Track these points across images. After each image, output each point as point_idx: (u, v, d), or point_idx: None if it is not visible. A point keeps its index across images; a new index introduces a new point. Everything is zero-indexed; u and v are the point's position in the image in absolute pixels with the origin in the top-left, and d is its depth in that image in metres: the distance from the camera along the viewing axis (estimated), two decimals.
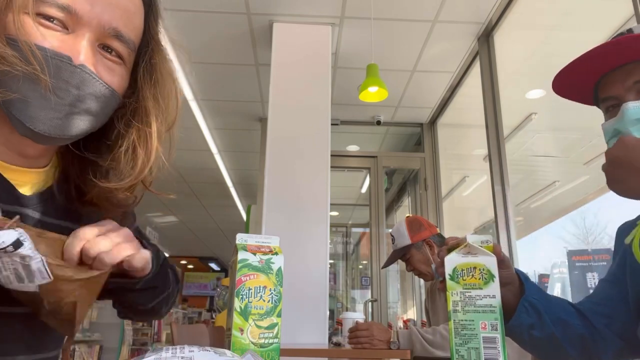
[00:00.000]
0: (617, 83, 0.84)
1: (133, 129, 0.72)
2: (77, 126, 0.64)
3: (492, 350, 0.69)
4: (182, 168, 6.07)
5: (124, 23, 0.67)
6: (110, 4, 0.65)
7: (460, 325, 0.70)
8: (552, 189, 5.26)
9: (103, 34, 0.65)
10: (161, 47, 0.76)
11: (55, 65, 0.60)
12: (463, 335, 0.70)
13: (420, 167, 4.65)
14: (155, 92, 0.74)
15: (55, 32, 0.62)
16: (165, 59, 0.77)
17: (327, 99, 3.17)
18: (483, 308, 0.71)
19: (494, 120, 3.29)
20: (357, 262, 7.22)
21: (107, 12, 0.64)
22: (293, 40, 3.31)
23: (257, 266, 0.75)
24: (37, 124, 0.60)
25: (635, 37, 0.81)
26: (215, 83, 4.13)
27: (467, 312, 0.71)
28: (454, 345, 0.69)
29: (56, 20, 0.62)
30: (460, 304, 0.71)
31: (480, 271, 0.73)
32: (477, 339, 0.69)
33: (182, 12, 3.24)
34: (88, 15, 0.62)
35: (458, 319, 0.71)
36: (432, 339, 1.86)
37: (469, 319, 0.70)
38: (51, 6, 0.61)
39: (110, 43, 0.66)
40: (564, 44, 3.25)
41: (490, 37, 3.43)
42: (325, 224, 2.90)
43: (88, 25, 0.63)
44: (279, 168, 3.00)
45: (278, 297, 0.76)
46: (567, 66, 0.88)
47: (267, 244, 0.79)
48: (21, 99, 0.59)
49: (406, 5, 3.18)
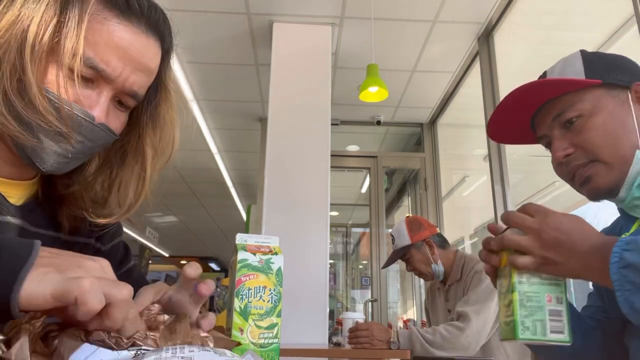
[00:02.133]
0: (541, 123, 0.90)
1: (127, 167, 0.76)
2: (77, 164, 0.70)
3: (558, 323, 0.69)
4: (182, 168, 6.07)
5: (143, 84, 0.70)
6: (138, 69, 0.68)
7: (526, 297, 0.69)
8: (552, 189, 5.25)
9: (122, 92, 0.69)
10: (169, 95, 0.78)
11: (78, 122, 0.64)
12: (529, 307, 0.69)
13: (420, 167, 4.65)
14: (154, 138, 0.77)
15: (81, 86, 0.64)
16: (170, 107, 0.79)
17: (327, 99, 3.17)
18: (549, 281, 0.71)
19: None
20: (357, 262, 7.22)
21: (133, 76, 0.67)
22: (293, 40, 3.31)
23: (257, 266, 0.75)
24: (45, 165, 0.65)
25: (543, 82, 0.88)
26: (215, 83, 4.13)
27: (532, 284, 0.70)
28: (518, 317, 0.68)
29: (87, 79, 0.65)
30: (526, 276, 0.70)
31: None
32: (543, 311, 0.69)
33: (182, 12, 3.24)
34: (116, 78, 0.66)
35: (523, 291, 0.69)
36: (432, 339, 1.86)
37: (534, 290, 0.70)
38: (88, 68, 0.63)
39: (125, 100, 0.70)
40: (564, 44, 3.25)
41: (490, 37, 3.43)
42: (325, 224, 2.90)
43: (113, 84, 0.66)
44: (279, 168, 3.00)
45: (278, 297, 0.76)
46: (496, 115, 0.93)
47: (267, 244, 0.79)
48: (39, 147, 0.63)
49: (406, 5, 3.18)
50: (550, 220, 0.70)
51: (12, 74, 0.59)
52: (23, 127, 0.60)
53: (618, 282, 0.62)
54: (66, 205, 0.76)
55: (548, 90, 0.88)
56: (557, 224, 0.69)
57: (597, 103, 0.84)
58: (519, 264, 0.70)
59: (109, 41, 0.64)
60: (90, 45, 0.63)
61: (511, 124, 0.95)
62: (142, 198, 0.77)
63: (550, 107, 0.88)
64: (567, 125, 0.86)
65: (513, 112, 0.92)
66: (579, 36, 3.16)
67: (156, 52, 0.71)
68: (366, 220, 4.69)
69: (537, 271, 0.70)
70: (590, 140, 0.82)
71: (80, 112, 0.63)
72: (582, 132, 0.84)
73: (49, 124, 0.60)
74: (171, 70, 0.78)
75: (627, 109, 0.83)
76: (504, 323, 0.73)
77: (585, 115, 0.84)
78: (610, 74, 0.86)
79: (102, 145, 0.70)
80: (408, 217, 2.33)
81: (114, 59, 0.64)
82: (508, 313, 0.71)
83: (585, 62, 0.89)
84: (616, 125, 0.82)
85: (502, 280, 0.75)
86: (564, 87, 0.86)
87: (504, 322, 0.73)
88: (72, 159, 0.66)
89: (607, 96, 0.84)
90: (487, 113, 3.34)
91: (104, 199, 0.76)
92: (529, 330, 0.68)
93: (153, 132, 0.77)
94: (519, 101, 0.90)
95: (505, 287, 0.73)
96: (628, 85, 0.85)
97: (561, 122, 0.86)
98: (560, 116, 0.86)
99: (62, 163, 0.66)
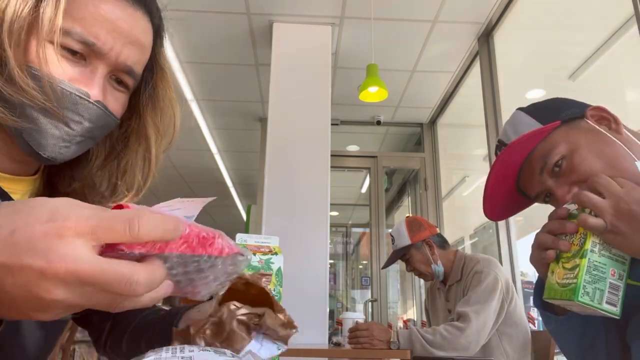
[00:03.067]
0: (530, 183, 0.90)
1: (131, 151, 0.76)
2: (79, 150, 0.68)
3: (614, 297, 0.72)
4: (182, 168, 6.07)
5: (137, 59, 0.69)
6: (128, 42, 0.67)
7: (593, 265, 0.72)
8: None
9: (117, 68, 0.67)
10: (165, 74, 0.78)
11: (72, 101, 0.62)
12: (594, 275, 0.72)
13: (420, 167, 4.65)
14: (156, 119, 0.76)
15: (74, 63, 0.63)
16: (168, 86, 0.78)
17: (327, 99, 3.17)
18: (616, 257, 0.73)
19: (494, 120, 3.29)
20: (357, 262, 7.22)
21: (126, 50, 0.66)
22: (293, 40, 3.31)
23: (257, 266, 0.75)
24: (45, 151, 0.63)
25: (513, 145, 0.88)
26: (215, 83, 4.13)
27: (602, 255, 0.73)
28: (582, 281, 0.71)
29: (77, 54, 0.63)
30: (599, 246, 0.73)
31: None
32: (605, 282, 0.72)
33: (182, 12, 3.24)
34: (108, 52, 0.65)
35: (593, 259, 0.72)
36: (432, 339, 1.86)
37: (602, 262, 0.73)
38: (76, 41, 0.62)
39: (122, 77, 0.69)
40: (564, 44, 3.25)
41: (490, 37, 3.43)
42: (325, 224, 2.90)
43: (106, 60, 0.65)
44: (279, 168, 3.00)
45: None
46: (486, 197, 0.93)
47: (267, 244, 0.79)
48: (35, 128, 0.62)
49: (406, 5, 3.18)
50: (635, 193, 0.71)
51: None
52: (6, 106, 0.59)
53: None
54: None
55: (519, 152, 0.89)
56: (637, 197, 0.70)
57: (569, 139, 0.85)
58: (589, 223, 0.72)
59: (96, 15, 0.63)
60: (77, 20, 0.62)
61: (503, 201, 0.96)
62: (150, 179, 0.77)
63: (530, 166, 0.89)
64: (556, 171, 0.85)
65: (499, 190, 0.93)
66: (579, 36, 3.16)
67: (146, 26, 0.70)
68: (366, 220, 4.69)
69: (602, 237, 0.73)
70: (588, 171, 0.81)
71: (73, 89, 0.62)
72: (575, 169, 0.83)
73: (32, 99, 0.59)
74: (164, 50, 0.78)
75: (598, 133, 0.85)
76: (560, 285, 0.75)
77: (568, 154, 0.84)
78: (560, 114, 0.88)
79: (103, 128, 0.68)
80: (408, 217, 2.33)
81: (103, 32, 0.64)
82: (569, 276, 0.74)
83: (531, 114, 0.91)
84: (602, 148, 0.83)
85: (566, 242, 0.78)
86: (532, 141, 0.87)
87: (559, 284, 0.75)
88: (73, 142, 0.65)
89: (572, 131, 0.86)
90: (487, 113, 3.34)
91: (113, 187, 0.76)
92: (588, 295, 0.71)
93: (154, 113, 0.76)
94: (499, 178, 0.91)
95: (572, 252, 0.76)
96: (582, 115, 0.87)
97: (549, 171, 0.86)
98: (545, 167, 0.86)
99: (62, 148, 0.64)
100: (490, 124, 3.31)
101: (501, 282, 1.96)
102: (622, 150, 0.81)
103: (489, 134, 3.30)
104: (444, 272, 2.18)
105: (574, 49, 3.10)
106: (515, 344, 1.98)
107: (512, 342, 1.98)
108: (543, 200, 0.91)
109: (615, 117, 0.86)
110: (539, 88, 3.63)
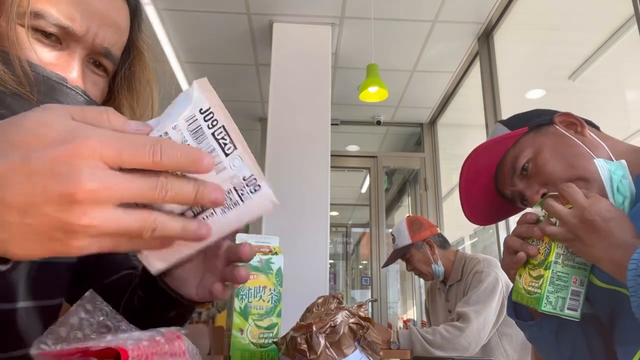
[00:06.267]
0: (504, 186, 0.95)
1: None
2: None
3: (575, 303, 0.77)
4: None
5: (114, 41, 0.67)
6: (105, 24, 0.64)
7: (557, 276, 0.76)
8: None
9: (94, 51, 0.65)
10: (142, 56, 0.75)
11: (49, 86, 0.59)
12: (556, 285, 0.76)
13: (420, 167, 4.65)
14: (132, 100, 0.74)
15: (49, 47, 0.60)
16: (145, 67, 0.76)
17: (327, 99, 3.17)
18: (579, 265, 0.77)
19: (494, 120, 3.29)
20: (357, 262, 7.22)
21: (102, 31, 0.64)
22: (293, 40, 3.31)
23: (257, 266, 0.75)
24: None
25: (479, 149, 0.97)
26: (215, 83, 4.04)
27: (565, 265, 0.77)
28: (545, 292, 0.75)
29: (52, 37, 0.60)
30: (562, 257, 0.77)
31: None
32: (567, 290, 0.77)
33: (182, 12, 3.24)
34: (84, 34, 0.62)
35: (556, 270, 0.76)
36: (432, 339, 1.86)
37: (565, 272, 0.77)
38: (50, 24, 0.59)
39: (99, 59, 0.66)
40: (564, 44, 3.25)
41: (490, 37, 3.43)
42: (325, 224, 2.90)
43: (83, 43, 0.62)
44: (279, 168, 3.00)
45: (278, 297, 0.76)
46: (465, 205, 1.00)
47: (267, 244, 0.79)
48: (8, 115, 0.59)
49: (406, 5, 3.18)
50: (600, 204, 0.73)
51: None
52: None
53: (633, 288, 0.64)
54: None
55: (487, 155, 0.96)
56: (603, 211, 0.73)
57: (535, 143, 0.91)
58: (547, 230, 0.76)
59: None
60: (51, 2, 0.59)
61: (485, 204, 1.00)
62: None
63: (502, 171, 0.95)
64: (524, 174, 0.91)
65: (475, 192, 0.99)
66: (579, 36, 3.16)
67: (121, 6, 0.68)
68: (366, 220, 4.69)
69: (565, 243, 0.76)
70: (551, 171, 0.87)
71: (49, 74, 0.59)
72: (539, 172, 0.88)
73: (4, 84, 0.56)
74: (142, 33, 0.76)
75: (563, 136, 0.90)
76: (526, 291, 0.79)
77: (533, 157, 0.90)
78: (531, 121, 0.95)
79: None
80: (409, 217, 2.33)
81: (78, 15, 0.61)
82: (534, 284, 0.78)
83: (507, 124, 0.99)
84: (564, 150, 0.88)
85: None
86: (499, 147, 0.95)
87: (525, 290, 0.79)
88: None
89: (539, 136, 0.92)
90: (487, 113, 3.34)
91: None
92: (551, 304, 0.76)
93: (129, 94, 0.74)
94: (469, 179, 0.97)
95: (538, 260, 0.79)
96: (550, 121, 0.93)
97: (517, 174, 0.91)
98: (514, 171, 0.92)
99: None
100: (490, 124, 3.31)
101: (501, 282, 1.96)
102: (583, 151, 0.86)
103: (489, 134, 3.29)
104: (444, 272, 2.18)
105: (574, 49, 3.10)
106: (515, 344, 1.98)
107: (512, 342, 1.98)
108: (521, 202, 0.95)
109: (581, 120, 0.91)
110: (539, 88, 3.63)
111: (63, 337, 0.39)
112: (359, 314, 0.62)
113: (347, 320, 0.59)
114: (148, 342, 0.38)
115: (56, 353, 0.37)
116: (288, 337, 0.60)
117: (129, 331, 0.42)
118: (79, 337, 0.39)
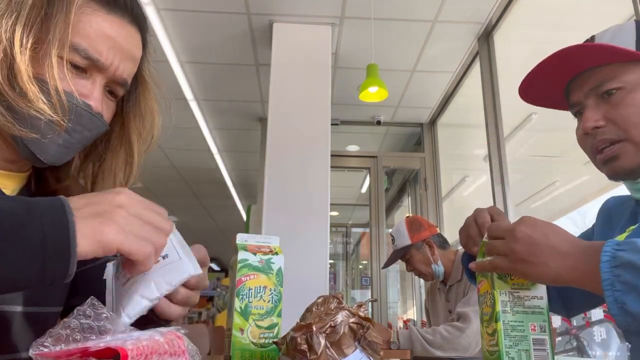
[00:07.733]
0: (577, 90, 0.86)
1: (113, 153, 0.80)
2: (74, 154, 0.73)
3: (542, 352, 0.68)
4: (182, 168, 6.07)
5: (130, 72, 0.74)
6: (126, 57, 0.72)
7: (510, 327, 0.69)
8: (552, 189, 5.25)
9: (114, 80, 0.72)
10: (148, 86, 0.82)
11: (78, 113, 0.66)
12: (513, 337, 0.69)
13: (420, 167, 4.65)
14: (139, 126, 0.81)
15: (77, 76, 0.67)
16: (150, 97, 0.83)
17: (327, 99, 3.17)
18: (532, 309, 0.70)
19: (494, 120, 3.29)
20: (357, 262, 7.22)
21: (122, 64, 0.71)
22: (293, 40, 3.30)
23: (257, 266, 0.75)
24: (46, 157, 0.67)
25: (591, 47, 0.83)
26: (215, 83, 4.13)
27: (516, 312, 0.70)
28: (503, 348, 0.68)
29: (80, 68, 0.67)
30: (509, 305, 0.70)
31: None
32: (527, 340, 0.68)
33: (182, 12, 3.24)
34: (109, 67, 0.69)
35: (507, 320, 0.69)
36: (432, 339, 1.86)
37: (517, 320, 0.69)
38: (83, 58, 0.66)
39: (116, 89, 0.74)
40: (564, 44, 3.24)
41: (490, 37, 3.42)
42: (325, 224, 2.90)
43: (104, 73, 0.70)
44: (279, 168, 3.00)
45: (278, 297, 0.76)
46: (532, 74, 0.90)
47: (267, 244, 0.79)
48: (39, 138, 0.65)
49: (406, 5, 3.17)
50: (526, 220, 0.69)
51: (2, 65, 0.61)
52: (15, 117, 0.62)
53: (608, 281, 0.60)
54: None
55: (594, 56, 0.83)
56: (531, 225, 0.68)
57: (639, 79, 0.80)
58: (491, 264, 0.71)
59: (100, 32, 0.67)
60: (82, 37, 0.66)
61: (545, 86, 0.91)
62: (132, 181, 0.82)
63: (590, 75, 0.84)
64: (604, 97, 0.82)
65: (551, 74, 0.88)
66: (579, 36, 3.15)
67: (139, 41, 0.76)
68: (366, 220, 4.68)
69: (514, 271, 0.69)
70: (625, 116, 0.79)
71: (79, 103, 0.66)
72: (619, 106, 0.80)
73: (41, 112, 0.62)
74: (149, 64, 0.83)
75: None
76: (488, 352, 0.71)
77: (627, 89, 0.80)
78: None
79: (97, 135, 0.73)
80: (408, 217, 2.33)
81: (105, 49, 0.68)
82: (492, 342, 0.71)
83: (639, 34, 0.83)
84: None
85: (484, 308, 0.74)
86: (612, 56, 0.82)
87: (487, 351, 0.72)
88: (71, 149, 0.69)
89: None
90: (487, 113, 3.34)
91: (91, 189, 0.80)
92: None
93: (136, 120, 0.81)
94: (560, 62, 0.86)
95: (488, 315, 0.72)
96: None
97: (599, 92, 0.82)
98: (599, 86, 0.82)
99: (62, 153, 0.68)
100: (490, 124, 3.30)
101: None
102: None
103: (489, 134, 3.29)
104: (444, 272, 2.18)
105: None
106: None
107: None
108: (574, 113, 0.88)
109: None
110: None
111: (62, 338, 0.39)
112: (359, 314, 0.62)
113: (347, 320, 0.60)
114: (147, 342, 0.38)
115: (56, 354, 0.37)
116: (288, 337, 0.60)
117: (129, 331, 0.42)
118: (78, 339, 0.40)
